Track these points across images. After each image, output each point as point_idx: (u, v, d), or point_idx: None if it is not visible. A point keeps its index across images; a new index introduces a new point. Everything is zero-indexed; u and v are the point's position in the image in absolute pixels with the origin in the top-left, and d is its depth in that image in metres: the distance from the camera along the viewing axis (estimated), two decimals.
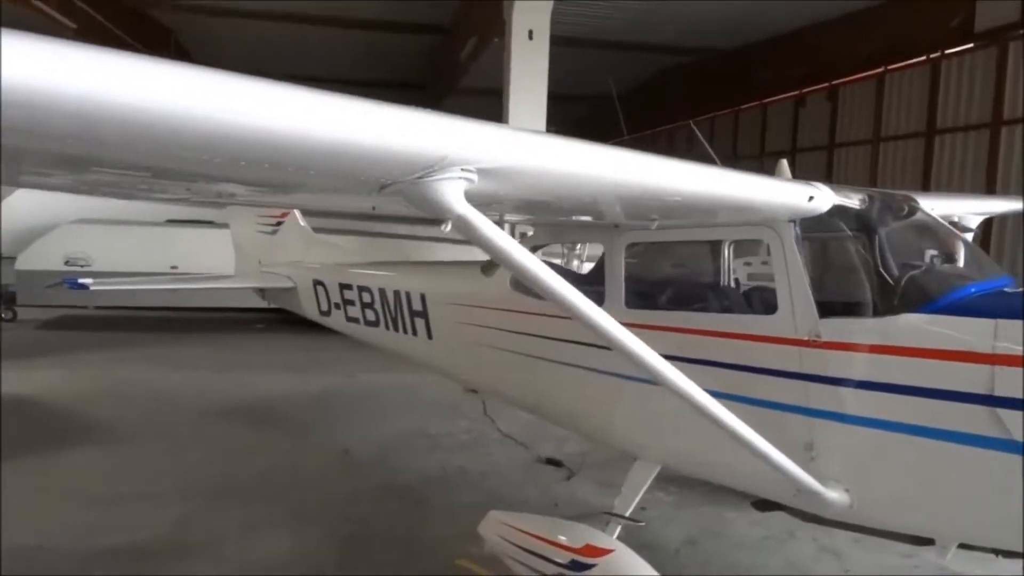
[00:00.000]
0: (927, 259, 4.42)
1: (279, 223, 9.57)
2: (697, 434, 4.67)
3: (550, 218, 5.24)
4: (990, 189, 13.93)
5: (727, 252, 5.33)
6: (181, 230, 15.33)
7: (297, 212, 9.47)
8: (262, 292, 9.86)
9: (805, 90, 19.73)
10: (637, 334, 3.62)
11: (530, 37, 11.57)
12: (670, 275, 5.50)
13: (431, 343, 6.82)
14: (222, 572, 5.18)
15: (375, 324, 7.56)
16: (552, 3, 11.64)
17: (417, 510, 6.54)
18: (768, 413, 4.31)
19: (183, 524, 5.92)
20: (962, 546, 4.29)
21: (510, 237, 2.89)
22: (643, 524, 4.98)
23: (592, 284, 5.33)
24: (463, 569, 5.43)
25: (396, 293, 7.15)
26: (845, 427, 4.08)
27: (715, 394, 3.94)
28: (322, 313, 8.47)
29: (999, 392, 3.60)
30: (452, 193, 2.47)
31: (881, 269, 4.12)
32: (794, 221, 4.24)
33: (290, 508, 6.40)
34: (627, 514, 4.87)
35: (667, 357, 3.75)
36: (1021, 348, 3.55)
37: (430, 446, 8.48)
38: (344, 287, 7.98)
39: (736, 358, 4.47)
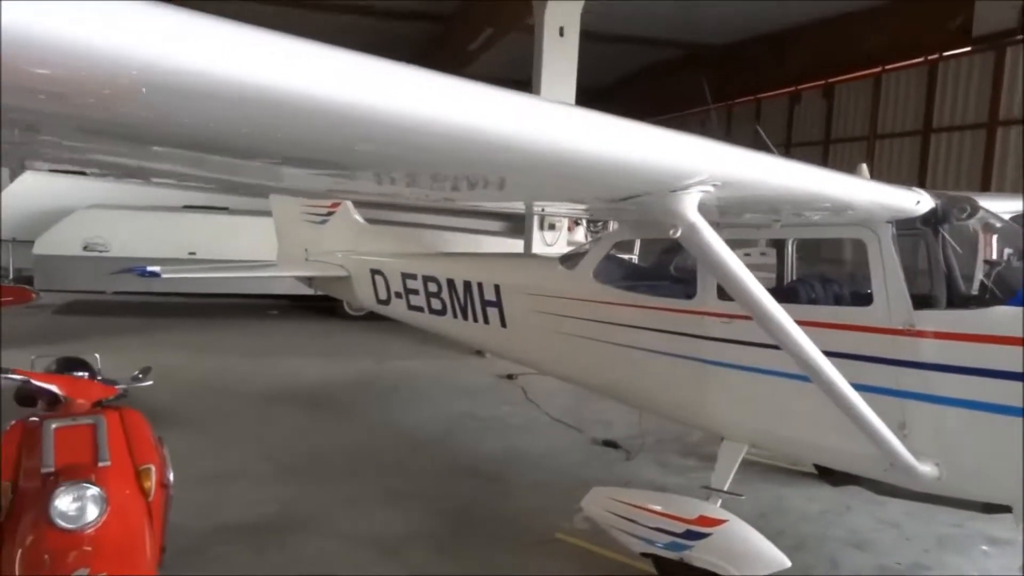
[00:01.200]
0: (1004, 256, 4.92)
1: (329, 213, 9.84)
2: (788, 415, 5.18)
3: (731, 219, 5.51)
4: (984, 188, 14.66)
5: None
6: (198, 216, 15.42)
7: (350, 204, 9.75)
8: (310, 280, 10.15)
9: (801, 87, 20.38)
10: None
11: (561, 34, 11.92)
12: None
13: (505, 331, 7.18)
14: (343, 545, 5.54)
15: (441, 312, 7.90)
16: (584, 1, 12.01)
17: (496, 487, 6.94)
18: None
19: (289, 502, 6.24)
20: None
21: (722, 241, 3.30)
22: (743, 497, 5.44)
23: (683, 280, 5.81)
24: (563, 542, 5.84)
25: (467, 284, 7.49)
26: (936, 408, 4.55)
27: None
28: (380, 302, 8.77)
29: None
30: (690, 204, 2.86)
31: (971, 266, 4.62)
32: (892, 222, 4.70)
33: (382, 486, 6.75)
34: (725, 488, 5.34)
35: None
36: None
37: (483, 428, 8.88)
38: (407, 276, 8.29)
39: (838, 346, 4.89)
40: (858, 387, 4.78)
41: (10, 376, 4.05)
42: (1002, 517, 5.27)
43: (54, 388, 3.99)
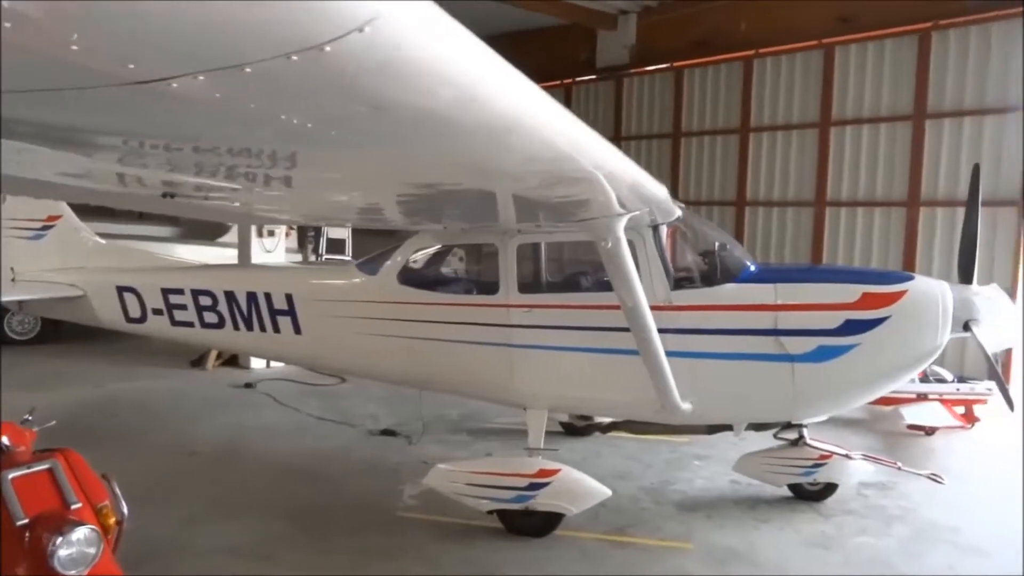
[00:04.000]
0: (717, 247, 6.84)
1: (45, 227, 8.80)
2: (581, 382, 6.57)
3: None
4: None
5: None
6: None
7: (73, 215, 8.84)
8: (19, 305, 8.95)
9: None
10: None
11: None
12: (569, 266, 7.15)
13: (300, 338, 7.48)
14: (217, 558, 5.58)
15: (217, 326, 7.82)
16: None
17: (319, 485, 7.27)
18: (639, 358, 6.28)
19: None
20: (751, 426, 6.81)
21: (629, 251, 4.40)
22: (557, 450, 6.69)
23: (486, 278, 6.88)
24: (407, 518, 6.50)
25: (251, 295, 7.58)
26: (692, 361, 6.28)
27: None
28: (131, 320, 8.26)
29: (780, 326, 6.15)
30: (622, 224, 3.90)
31: (709, 255, 6.46)
32: (654, 227, 6.32)
33: (210, 502, 6.64)
34: (541, 446, 6.54)
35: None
36: (791, 300, 6.15)
37: (262, 435, 8.94)
38: (170, 292, 8.00)
39: (612, 322, 6.35)
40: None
41: None
42: (702, 440, 7.38)
43: (4, 439, 3.62)
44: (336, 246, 13.72)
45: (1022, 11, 11.18)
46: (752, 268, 6.57)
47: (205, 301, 7.83)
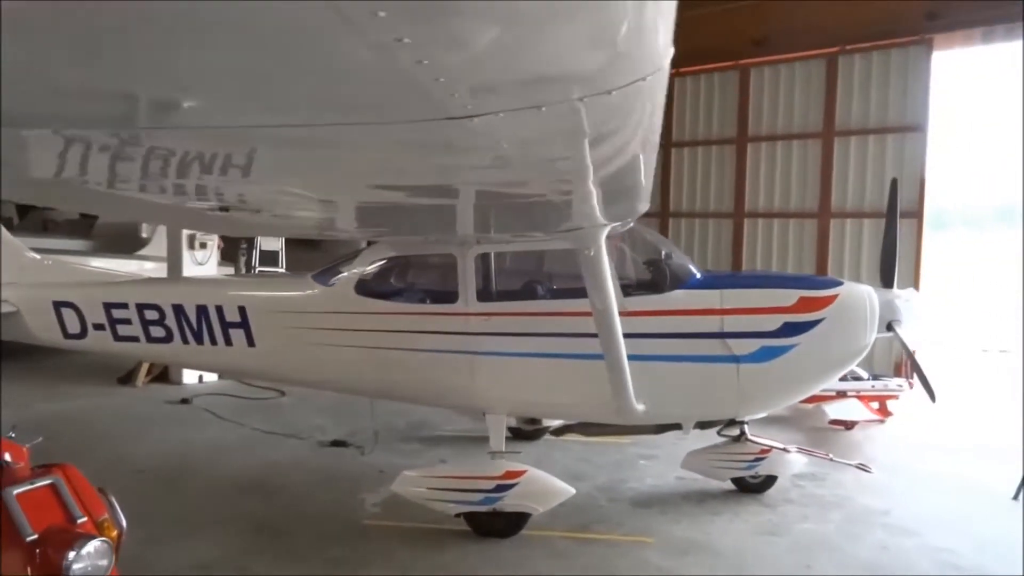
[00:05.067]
0: (663, 255, 7.22)
1: None
2: (538, 386, 6.82)
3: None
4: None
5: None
6: None
7: (4, 229, 8.45)
8: None
9: None
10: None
11: None
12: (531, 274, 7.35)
13: (254, 351, 7.42)
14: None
15: (165, 340, 7.67)
16: None
17: (278, 499, 7.22)
18: (597, 362, 6.57)
19: None
20: (698, 425, 7.20)
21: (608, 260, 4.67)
22: (520, 452, 6.89)
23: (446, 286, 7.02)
24: (374, 526, 6.56)
25: (201, 308, 7.48)
26: (645, 364, 6.60)
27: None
28: (70, 336, 7.98)
29: (726, 329, 6.58)
30: (604, 234, 4.16)
31: (657, 263, 6.83)
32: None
33: (169, 520, 6.49)
34: (504, 449, 6.73)
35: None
36: (735, 305, 6.59)
37: (210, 450, 8.77)
38: (113, 306, 7.79)
39: (570, 328, 6.63)
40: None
41: None
42: (646, 441, 7.75)
43: (7, 455, 3.54)
44: (269, 258, 13.53)
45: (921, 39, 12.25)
46: (698, 275, 6.98)
47: (151, 315, 7.66)
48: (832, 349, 6.75)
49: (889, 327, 6.98)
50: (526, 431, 9.08)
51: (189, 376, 11.99)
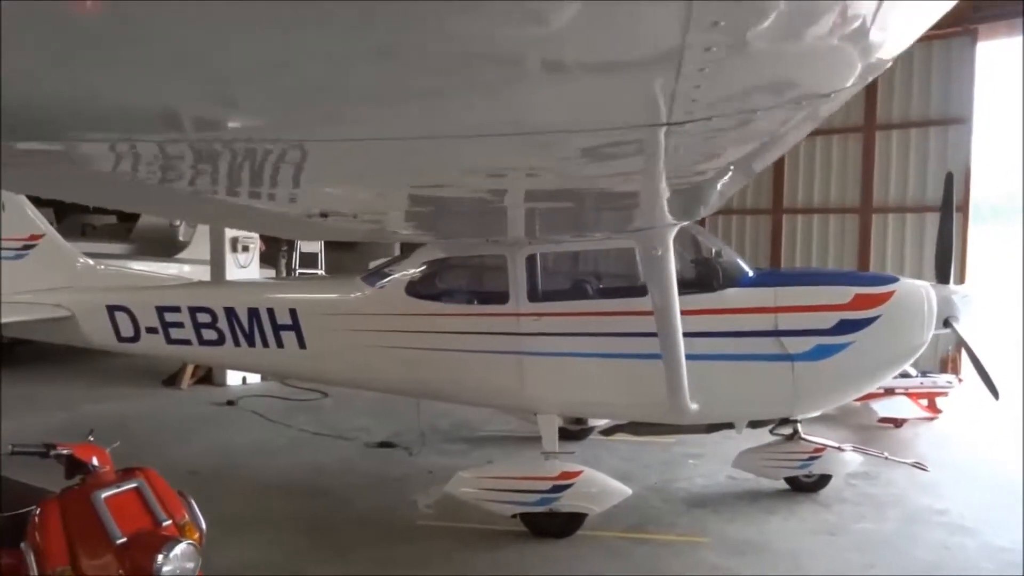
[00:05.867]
0: (714, 253, 7.18)
1: (27, 247, 8.56)
2: (590, 386, 6.79)
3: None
4: None
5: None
6: None
7: (57, 235, 8.64)
8: None
9: None
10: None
11: None
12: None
13: (305, 352, 7.49)
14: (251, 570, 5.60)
15: (217, 343, 7.77)
16: None
17: (328, 499, 7.29)
18: (650, 362, 6.55)
19: None
20: (750, 424, 7.14)
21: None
22: (574, 452, 6.89)
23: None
24: (428, 527, 6.60)
25: (253, 311, 7.57)
26: (699, 363, 6.55)
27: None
28: (124, 340, 8.12)
29: (781, 327, 6.52)
30: (672, 234, 4.16)
31: (709, 262, 6.79)
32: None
33: (225, 517, 6.55)
34: (557, 450, 6.73)
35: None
36: (790, 303, 6.52)
37: (258, 452, 8.88)
38: (164, 310, 7.91)
39: (623, 328, 6.63)
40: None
41: (28, 449, 3.57)
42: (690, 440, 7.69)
43: (94, 459, 3.63)
44: (309, 260, 13.67)
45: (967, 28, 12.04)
46: (750, 273, 6.92)
47: (204, 318, 7.77)
48: (888, 347, 6.66)
49: (946, 323, 6.87)
50: (572, 431, 9.07)
51: (233, 377, 12.13)
